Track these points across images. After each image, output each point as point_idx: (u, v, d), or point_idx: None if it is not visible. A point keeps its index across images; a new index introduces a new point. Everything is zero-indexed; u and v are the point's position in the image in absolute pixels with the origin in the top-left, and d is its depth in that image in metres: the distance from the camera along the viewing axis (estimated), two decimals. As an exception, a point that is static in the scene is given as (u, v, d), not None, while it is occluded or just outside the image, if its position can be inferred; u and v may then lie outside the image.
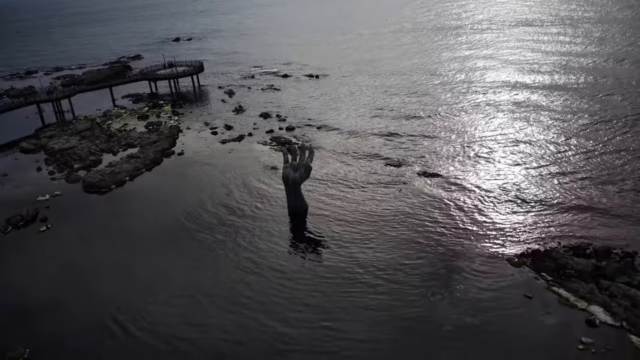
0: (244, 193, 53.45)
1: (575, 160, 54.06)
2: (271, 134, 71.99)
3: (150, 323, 34.19)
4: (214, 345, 31.86)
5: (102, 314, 35.52)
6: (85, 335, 33.66)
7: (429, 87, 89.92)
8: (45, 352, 32.70)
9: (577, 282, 34.88)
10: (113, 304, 36.41)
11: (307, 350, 30.71)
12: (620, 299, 32.63)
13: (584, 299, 33.36)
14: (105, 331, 33.78)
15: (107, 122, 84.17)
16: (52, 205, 54.66)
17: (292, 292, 36.22)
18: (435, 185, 51.77)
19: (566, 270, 36.14)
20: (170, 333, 33.04)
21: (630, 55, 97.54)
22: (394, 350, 30.46)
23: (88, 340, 33.16)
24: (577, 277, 35.43)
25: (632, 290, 33.14)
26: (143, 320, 34.56)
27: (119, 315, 35.34)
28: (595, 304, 32.78)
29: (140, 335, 33.19)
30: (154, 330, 33.47)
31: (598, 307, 32.52)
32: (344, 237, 42.88)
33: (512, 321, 32.14)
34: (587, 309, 32.51)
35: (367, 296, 35.18)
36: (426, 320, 32.67)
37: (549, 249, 38.75)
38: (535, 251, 38.80)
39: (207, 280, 38.54)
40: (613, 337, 30.15)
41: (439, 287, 35.71)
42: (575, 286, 34.45)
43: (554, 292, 34.58)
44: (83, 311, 36.24)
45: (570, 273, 35.83)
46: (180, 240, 44.58)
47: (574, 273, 35.78)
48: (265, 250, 41.90)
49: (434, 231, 42.87)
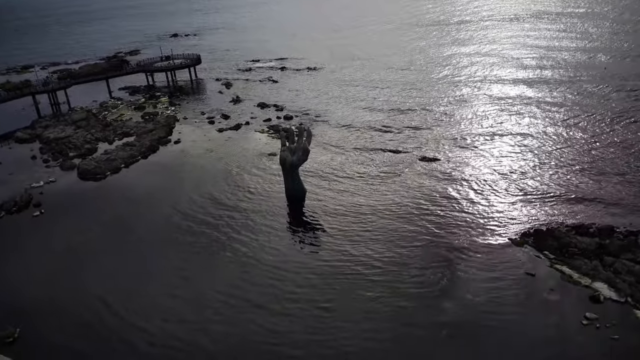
0: (241, 178, 52.75)
1: (574, 149, 53.13)
2: (269, 123, 71.18)
3: (140, 308, 33.23)
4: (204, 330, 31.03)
5: (91, 297, 34.70)
6: (75, 317, 32.86)
7: (426, 81, 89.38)
8: (35, 332, 31.78)
9: (581, 259, 34.17)
10: (102, 287, 35.64)
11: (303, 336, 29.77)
12: (624, 275, 31.92)
13: (588, 275, 32.66)
14: (94, 315, 32.95)
15: (103, 112, 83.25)
16: (46, 191, 53.83)
17: (285, 276, 35.42)
18: (435, 171, 51.03)
19: (569, 248, 35.43)
20: (161, 316, 32.26)
21: (624, 50, 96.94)
22: (394, 329, 29.62)
23: (78, 323, 32.36)
24: (580, 255, 34.72)
25: (636, 266, 32.42)
26: (132, 305, 33.61)
27: (108, 297, 34.55)
28: (599, 280, 32.08)
29: (128, 318, 32.34)
30: (144, 314, 32.57)
31: (602, 283, 31.83)
32: (342, 222, 42.10)
33: (514, 299, 31.42)
34: (590, 286, 31.82)
35: (366, 278, 34.41)
36: (426, 298, 31.91)
37: (552, 229, 38.01)
38: (537, 230, 38.10)
39: (201, 265, 37.77)
40: (618, 312, 29.48)
41: (440, 267, 34.94)
42: (578, 263, 33.73)
43: (557, 269, 33.88)
44: (73, 293, 35.45)
45: (573, 251, 35.11)
46: (175, 225, 43.72)
47: (577, 251, 35.07)
48: (260, 234, 41.20)
49: (434, 215, 42.14)
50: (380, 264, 35.61)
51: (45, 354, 29.60)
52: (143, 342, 29.56)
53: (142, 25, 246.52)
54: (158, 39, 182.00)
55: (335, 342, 28.64)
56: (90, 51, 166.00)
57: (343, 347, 28.18)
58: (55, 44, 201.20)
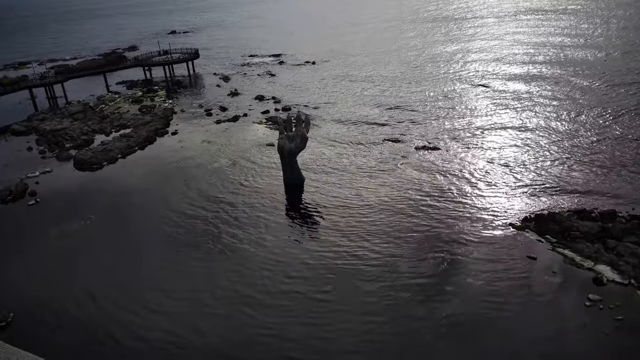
0: (237, 169, 52.21)
1: (574, 142, 52.09)
2: (267, 115, 70.61)
3: (129, 299, 32.49)
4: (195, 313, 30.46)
5: (82, 284, 34.18)
6: (68, 303, 32.24)
7: (425, 76, 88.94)
8: (28, 318, 31.18)
9: (583, 242, 33.67)
10: (93, 275, 35.12)
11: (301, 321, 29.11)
12: (627, 258, 31.42)
13: (590, 258, 32.15)
14: (85, 301, 32.36)
15: (100, 106, 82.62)
16: (41, 181, 53.26)
17: (279, 264, 34.89)
18: (434, 160, 50.54)
19: (571, 232, 34.90)
20: (150, 306, 31.62)
21: (624, 45, 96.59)
22: (392, 310, 29.07)
23: (71, 309, 31.75)
24: (582, 238, 34.19)
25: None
26: (121, 296, 32.84)
27: (99, 282, 34.06)
28: (602, 263, 31.57)
29: (116, 308, 31.65)
30: (133, 305, 31.91)
31: (605, 266, 31.32)
32: (339, 212, 41.49)
33: (515, 282, 30.86)
34: (593, 269, 31.31)
35: (364, 266, 33.88)
36: (426, 283, 31.35)
37: (553, 213, 37.50)
38: (538, 215, 37.59)
39: (193, 256, 37.19)
40: (621, 294, 28.97)
41: (440, 252, 34.40)
42: (580, 246, 33.22)
43: (558, 252, 33.39)
44: (66, 279, 34.89)
45: (575, 235, 34.61)
46: (168, 215, 42.99)
47: (579, 235, 34.55)
48: (255, 226, 40.58)
49: (434, 203, 41.57)
50: (379, 249, 35.04)
51: (36, 340, 28.89)
52: (131, 334, 28.64)
53: (140, 23, 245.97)
54: (156, 36, 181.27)
55: (331, 328, 27.86)
56: (88, 48, 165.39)
57: (341, 336, 27.41)
58: (53, 41, 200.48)
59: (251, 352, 26.56)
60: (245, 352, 26.59)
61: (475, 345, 25.94)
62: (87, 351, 27.74)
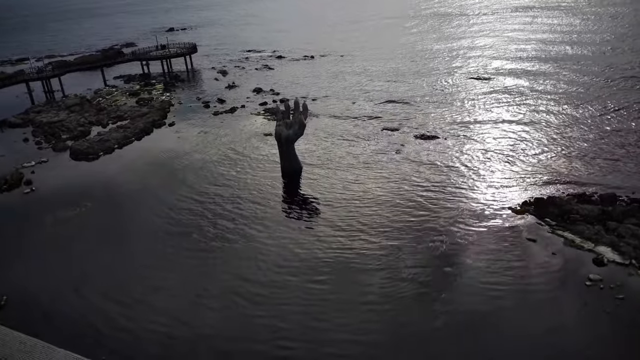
0: (235, 157, 51.86)
1: (575, 134, 51.23)
2: (265, 106, 70.22)
3: (120, 284, 32.16)
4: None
5: (76, 268, 33.81)
6: (61, 288, 31.87)
7: (424, 71, 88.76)
8: (22, 302, 30.77)
9: (583, 225, 33.30)
10: (88, 260, 34.78)
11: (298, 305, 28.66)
12: (628, 239, 31.08)
13: (591, 240, 31.80)
14: (78, 286, 32.01)
15: (97, 99, 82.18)
16: (37, 170, 52.87)
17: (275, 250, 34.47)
18: (432, 147, 50.28)
19: (571, 215, 34.53)
20: (140, 290, 31.29)
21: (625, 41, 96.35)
22: (389, 296, 28.65)
23: (64, 294, 31.36)
24: (582, 221, 33.81)
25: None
26: (113, 281, 32.53)
27: (92, 268, 33.71)
28: (603, 244, 31.22)
29: (108, 292, 31.30)
30: (123, 288, 31.59)
31: (605, 247, 30.97)
32: (337, 198, 41.29)
33: (515, 264, 30.51)
34: (594, 250, 30.95)
35: (364, 250, 33.49)
36: (424, 266, 30.93)
37: (553, 197, 37.17)
38: (538, 199, 37.26)
39: (184, 246, 36.77)
40: (622, 274, 28.60)
41: (438, 236, 34.04)
42: (580, 228, 32.89)
43: (558, 235, 33.04)
44: (59, 264, 34.55)
45: (575, 218, 34.24)
46: (164, 203, 42.43)
47: (579, 218, 34.18)
48: (251, 211, 40.35)
49: (432, 188, 41.24)
50: (376, 235, 34.70)
51: (29, 322, 28.44)
52: (121, 321, 28.06)
53: (139, 21, 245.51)
54: (154, 33, 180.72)
55: (325, 314, 27.33)
56: (86, 44, 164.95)
57: (334, 319, 26.98)
58: (51, 39, 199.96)
59: (244, 342, 25.88)
60: (239, 341, 25.96)
61: (474, 329, 25.43)
62: (79, 334, 27.25)
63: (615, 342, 23.83)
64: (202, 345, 25.68)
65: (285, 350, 24.81)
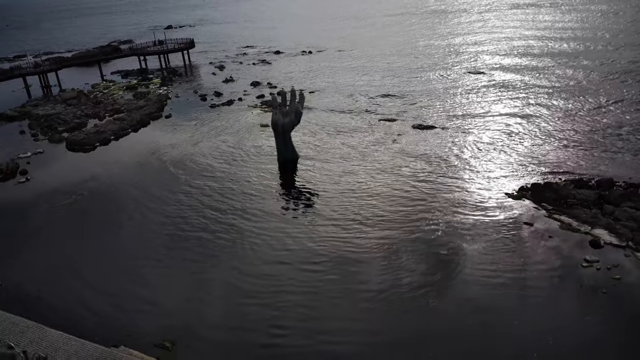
0: (232, 147, 51.66)
1: (572, 125, 50.63)
2: (262, 99, 70.02)
3: (112, 265, 32.11)
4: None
5: (69, 253, 33.70)
6: (54, 273, 31.65)
7: (423, 64, 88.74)
8: (15, 286, 30.55)
9: (580, 209, 33.14)
10: (80, 246, 34.69)
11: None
12: (625, 222, 30.92)
13: (587, 223, 31.64)
14: (71, 272, 31.81)
15: (94, 93, 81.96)
16: (33, 161, 52.67)
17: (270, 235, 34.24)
18: (429, 137, 50.19)
19: (568, 200, 34.38)
20: (129, 278, 31.03)
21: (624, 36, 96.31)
22: (389, 273, 28.48)
23: (57, 279, 31.22)
24: (579, 205, 33.65)
25: (638, 212, 31.36)
26: (104, 263, 32.46)
27: (85, 252, 33.60)
28: (599, 227, 31.05)
29: (100, 274, 31.17)
30: (115, 269, 31.49)
31: (602, 229, 30.79)
32: (334, 186, 41.11)
33: (511, 246, 30.34)
34: (590, 233, 30.78)
35: (360, 237, 33.28)
36: (422, 248, 30.73)
37: (550, 182, 37.03)
38: (535, 185, 37.14)
39: (176, 235, 36.54)
40: (619, 255, 28.42)
41: (435, 217, 33.89)
42: (577, 212, 32.74)
43: (555, 219, 32.86)
44: (52, 250, 34.36)
45: (572, 202, 34.10)
46: (158, 191, 42.20)
47: (576, 202, 34.03)
48: (246, 199, 40.18)
49: (429, 176, 41.02)
50: (372, 220, 34.54)
51: (22, 305, 28.22)
52: (110, 306, 27.82)
53: (137, 19, 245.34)
54: (152, 30, 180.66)
55: (321, 297, 27.07)
56: (84, 41, 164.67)
57: (328, 298, 26.77)
58: (49, 36, 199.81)
59: (238, 331, 25.56)
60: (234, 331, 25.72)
61: (470, 311, 25.19)
62: (71, 317, 27.02)
63: (613, 321, 23.63)
64: (196, 332, 25.37)
65: (278, 338, 24.42)
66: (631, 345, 22.18)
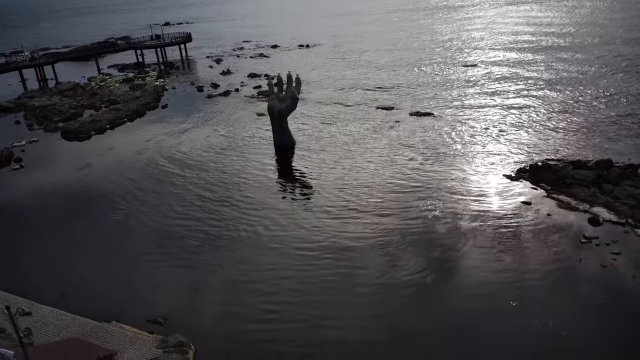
0: (227, 135, 51.37)
1: (569, 112, 50.55)
2: (259, 89, 69.61)
3: (103, 247, 31.81)
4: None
5: (60, 236, 33.42)
6: (44, 255, 31.43)
7: (419, 56, 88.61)
8: (9, 267, 30.19)
9: (578, 188, 32.81)
10: (71, 229, 34.40)
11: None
12: (624, 200, 30.60)
13: (586, 201, 31.36)
14: (61, 253, 31.61)
15: (91, 85, 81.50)
16: (28, 149, 52.32)
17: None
18: (427, 123, 49.89)
19: (566, 180, 34.04)
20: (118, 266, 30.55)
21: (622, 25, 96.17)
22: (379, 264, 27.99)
23: (47, 261, 30.88)
24: (577, 185, 33.31)
25: (637, 190, 31.02)
26: (96, 246, 32.10)
27: (75, 237, 33.29)
28: (598, 205, 30.77)
29: (90, 257, 30.95)
30: (107, 252, 31.14)
31: (601, 207, 30.51)
32: (331, 173, 40.71)
33: (510, 224, 30.00)
34: (589, 211, 30.51)
35: (357, 217, 32.92)
36: (420, 230, 30.30)
37: (548, 163, 36.66)
38: (533, 166, 36.80)
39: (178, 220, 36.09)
40: (618, 232, 28.12)
41: (433, 199, 33.52)
42: (576, 191, 32.44)
43: (553, 198, 32.55)
44: (43, 233, 34.06)
45: (570, 182, 33.75)
46: (152, 178, 41.92)
47: (575, 182, 33.68)
48: (241, 185, 39.81)
49: (426, 161, 40.64)
50: (370, 206, 34.16)
51: (11, 284, 27.79)
52: (103, 286, 27.34)
53: (135, 17, 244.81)
54: (150, 27, 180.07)
55: (312, 281, 26.54)
56: (82, 39, 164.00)
57: (321, 279, 26.33)
58: (47, 34, 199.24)
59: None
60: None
61: (467, 284, 24.87)
62: (63, 295, 26.63)
63: (612, 292, 23.30)
64: (189, 309, 24.96)
65: (271, 314, 24.03)
66: (631, 313, 21.86)
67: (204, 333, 22.90)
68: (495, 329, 21.84)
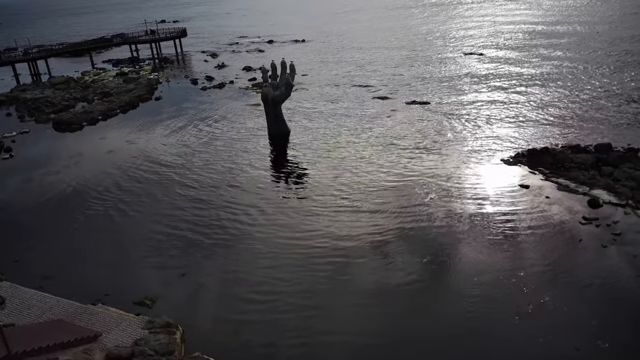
0: (222, 125, 50.66)
1: (566, 101, 50.50)
2: (253, 82, 68.90)
3: (95, 238, 31.20)
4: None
5: (50, 224, 32.72)
6: (32, 242, 30.74)
7: (418, 48, 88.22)
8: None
9: (577, 171, 32.18)
10: (60, 217, 33.58)
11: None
12: (625, 182, 29.94)
13: (585, 184, 30.70)
14: (51, 240, 30.80)
15: (84, 78, 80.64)
16: (18, 140, 51.46)
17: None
18: (424, 111, 49.37)
19: (565, 163, 33.40)
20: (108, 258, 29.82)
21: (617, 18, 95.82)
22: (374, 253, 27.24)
23: (37, 247, 30.21)
24: (576, 168, 32.68)
25: (637, 172, 30.38)
26: (88, 235, 31.50)
27: (66, 224, 32.60)
28: (598, 187, 30.10)
29: (80, 246, 30.10)
30: (98, 242, 30.32)
31: (601, 190, 29.83)
32: (327, 162, 40.10)
33: (508, 208, 29.32)
34: (588, 193, 29.80)
35: (349, 203, 32.16)
36: (418, 216, 29.50)
37: (547, 148, 36.01)
38: (531, 150, 36.13)
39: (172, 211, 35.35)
40: (618, 213, 27.45)
41: (428, 187, 32.78)
42: (575, 174, 31.80)
43: (552, 181, 31.90)
44: (32, 220, 33.28)
45: (569, 166, 33.12)
46: (143, 167, 40.92)
47: (574, 165, 33.05)
48: (233, 173, 39.38)
49: (422, 148, 39.90)
50: (366, 195, 33.43)
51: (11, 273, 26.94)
52: (90, 272, 26.45)
53: (131, 16, 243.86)
54: (145, 23, 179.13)
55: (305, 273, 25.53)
56: (78, 36, 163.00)
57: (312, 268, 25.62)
58: (43, 31, 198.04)
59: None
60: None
61: (467, 271, 24.08)
62: (47, 279, 25.83)
63: (612, 272, 22.63)
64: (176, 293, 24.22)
65: (261, 295, 23.32)
66: (632, 292, 21.20)
67: (192, 315, 22.14)
68: (495, 330, 20.57)
